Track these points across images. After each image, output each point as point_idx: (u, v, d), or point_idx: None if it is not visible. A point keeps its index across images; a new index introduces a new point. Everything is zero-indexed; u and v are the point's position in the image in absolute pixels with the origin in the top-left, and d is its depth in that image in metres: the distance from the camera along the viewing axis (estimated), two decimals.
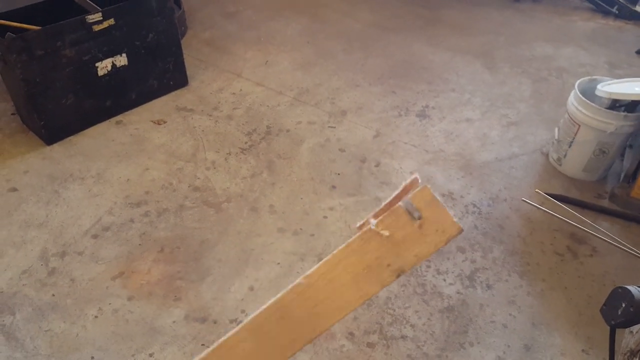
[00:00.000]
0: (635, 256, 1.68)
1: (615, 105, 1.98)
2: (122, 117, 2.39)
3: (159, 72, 2.46)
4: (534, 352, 1.49)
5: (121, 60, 2.27)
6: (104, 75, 2.24)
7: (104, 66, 2.22)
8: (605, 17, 3.48)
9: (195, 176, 2.07)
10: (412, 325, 1.54)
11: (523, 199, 1.94)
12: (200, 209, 1.92)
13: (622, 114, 1.89)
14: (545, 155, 2.24)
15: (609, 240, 1.65)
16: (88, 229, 1.83)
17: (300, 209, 1.93)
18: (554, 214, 1.75)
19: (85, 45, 2.12)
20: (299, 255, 1.75)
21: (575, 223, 1.71)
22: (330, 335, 1.51)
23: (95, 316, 1.55)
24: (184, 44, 2.75)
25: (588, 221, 1.74)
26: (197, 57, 2.86)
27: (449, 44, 3.10)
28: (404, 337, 1.51)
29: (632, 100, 1.91)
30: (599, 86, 1.97)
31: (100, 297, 1.60)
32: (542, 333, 1.54)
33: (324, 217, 1.90)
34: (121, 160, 2.14)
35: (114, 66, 2.26)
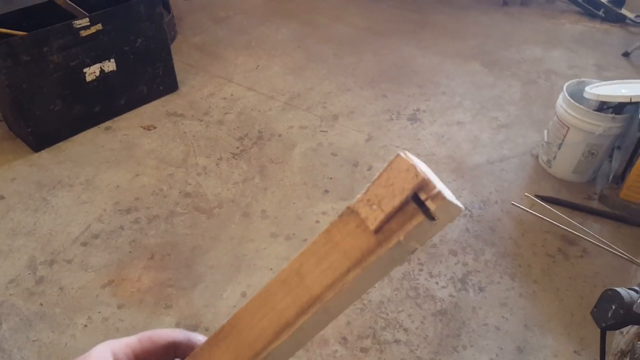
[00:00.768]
0: (624, 257, 1.69)
1: (603, 107, 2.00)
2: (112, 123, 2.36)
3: (148, 78, 2.44)
4: (527, 354, 1.49)
5: (109, 65, 2.25)
6: (92, 81, 2.22)
7: (92, 72, 2.20)
8: (592, 20, 3.53)
9: (186, 182, 2.05)
10: (406, 329, 1.54)
11: (512, 203, 1.95)
12: (192, 215, 1.90)
13: (610, 115, 1.91)
14: (535, 157, 2.25)
15: (598, 242, 1.66)
16: (77, 236, 1.81)
17: (292, 213, 1.92)
18: (544, 218, 1.76)
19: (73, 51, 2.10)
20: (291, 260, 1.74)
21: (565, 226, 1.72)
22: (324, 340, 1.50)
23: (85, 325, 1.52)
24: (173, 49, 2.74)
25: (578, 224, 1.75)
26: (187, 62, 2.84)
27: (438, 48, 3.12)
28: (397, 342, 1.51)
29: (620, 102, 1.93)
30: (587, 88, 1.99)
31: (90, 306, 1.58)
32: (535, 335, 1.54)
33: (317, 222, 1.89)
34: (110, 166, 2.12)
35: (102, 72, 2.24)
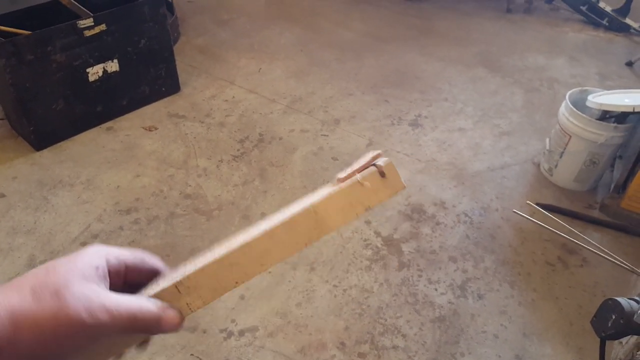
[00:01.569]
0: (624, 267, 1.68)
1: (605, 116, 2.00)
2: (113, 123, 2.37)
3: (150, 78, 2.44)
4: None
5: (112, 66, 2.26)
6: (94, 81, 2.23)
7: (95, 72, 2.21)
8: (596, 29, 3.53)
9: (187, 183, 2.05)
10: (404, 335, 1.53)
11: (514, 211, 1.94)
12: (191, 217, 1.90)
13: (612, 125, 1.90)
14: (536, 165, 2.25)
15: (598, 252, 1.66)
16: (77, 236, 1.80)
17: None
18: (545, 226, 1.75)
19: (76, 51, 2.11)
20: (291, 264, 1.74)
21: (565, 235, 1.72)
22: (322, 345, 1.49)
23: None
24: (176, 50, 2.75)
25: (578, 233, 1.75)
26: (190, 64, 2.85)
27: (441, 54, 3.12)
28: (395, 347, 1.50)
29: (622, 112, 1.92)
30: (590, 97, 1.99)
31: None
32: (533, 343, 1.53)
33: None
34: (111, 166, 2.12)
35: (105, 72, 2.24)
